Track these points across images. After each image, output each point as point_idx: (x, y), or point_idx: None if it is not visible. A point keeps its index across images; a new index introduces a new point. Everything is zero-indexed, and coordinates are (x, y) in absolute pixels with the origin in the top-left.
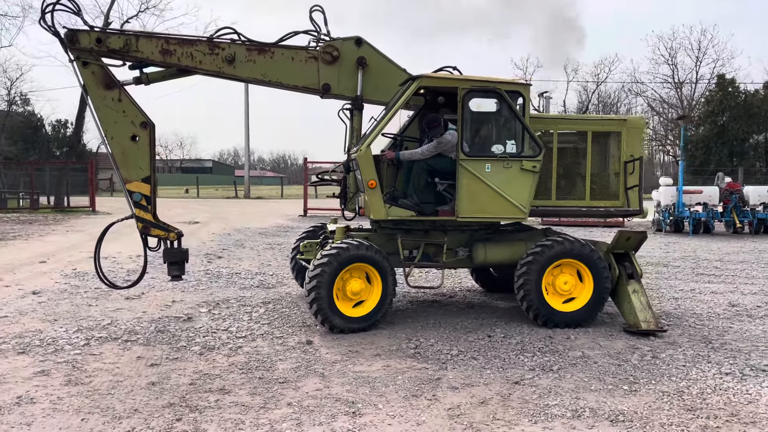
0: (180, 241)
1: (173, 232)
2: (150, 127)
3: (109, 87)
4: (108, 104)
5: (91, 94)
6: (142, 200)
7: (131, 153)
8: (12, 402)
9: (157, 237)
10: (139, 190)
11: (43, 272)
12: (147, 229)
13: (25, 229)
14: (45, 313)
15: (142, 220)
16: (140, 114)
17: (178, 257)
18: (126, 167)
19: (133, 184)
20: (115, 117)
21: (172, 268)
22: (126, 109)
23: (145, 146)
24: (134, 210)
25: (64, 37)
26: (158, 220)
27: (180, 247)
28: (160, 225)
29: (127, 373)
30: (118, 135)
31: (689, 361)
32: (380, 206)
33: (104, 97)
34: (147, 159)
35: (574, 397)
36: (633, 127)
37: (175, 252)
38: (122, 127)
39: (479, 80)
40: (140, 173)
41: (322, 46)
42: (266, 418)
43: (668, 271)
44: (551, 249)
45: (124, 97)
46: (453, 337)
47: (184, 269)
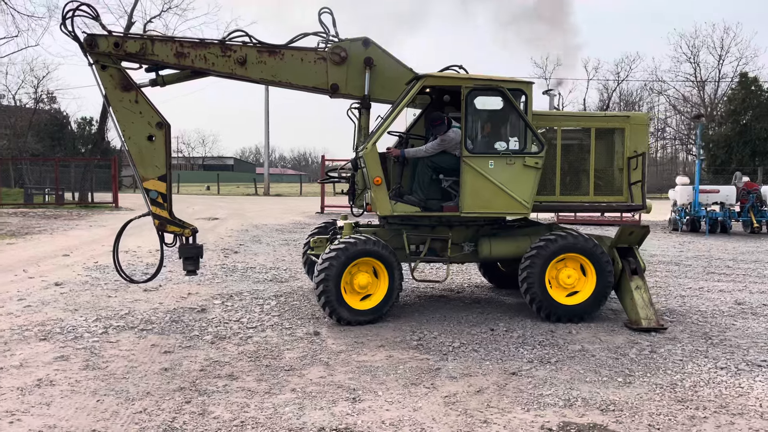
0: (195, 237)
1: (188, 228)
2: (165, 127)
3: (126, 89)
4: (125, 105)
5: (109, 95)
6: (159, 198)
7: (148, 152)
8: (33, 384)
9: (172, 233)
10: (156, 188)
11: (66, 265)
12: (163, 226)
13: (50, 223)
14: (66, 303)
15: (159, 217)
16: (156, 115)
17: (192, 253)
18: (143, 166)
19: (150, 182)
20: (132, 117)
21: (188, 263)
22: (142, 110)
23: (160, 146)
24: (151, 207)
25: (84, 41)
26: (174, 216)
27: (195, 243)
28: (176, 221)
29: (141, 360)
30: (135, 135)
31: (686, 356)
32: (386, 202)
33: (122, 98)
34: (163, 158)
35: (568, 388)
36: (636, 123)
37: (190, 248)
38: (139, 128)
39: (482, 79)
40: (156, 171)
41: (331, 47)
42: (270, 402)
43: (679, 270)
44: (554, 243)
45: (141, 99)
46: (456, 330)
47: (198, 264)
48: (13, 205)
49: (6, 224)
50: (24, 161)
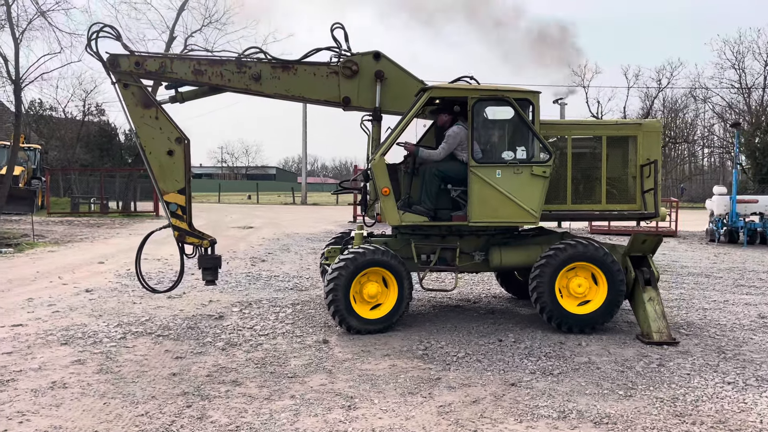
0: (213, 248)
1: (207, 239)
2: (184, 143)
3: (147, 106)
4: (146, 122)
5: (131, 112)
6: (178, 210)
7: (167, 167)
8: (47, 386)
9: (191, 244)
10: (175, 201)
11: (99, 272)
12: (183, 237)
13: (92, 232)
14: (93, 309)
15: (178, 229)
16: (176, 130)
17: (211, 263)
18: (163, 180)
19: (170, 196)
20: (153, 133)
21: (206, 273)
22: (162, 126)
23: (180, 160)
24: (171, 219)
25: (107, 61)
26: (193, 228)
27: (213, 254)
28: (195, 233)
29: (153, 364)
30: (156, 150)
31: (695, 370)
32: (394, 212)
33: (143, 115)
34: (182, 172)
35: (565, 400)
36: (649, 131)
37: (209, 258)
38: (159, 143)
39: (488, 89)
40: (176, 185)
41: (342, 61)
42: (268, 408)
43: (708, 282)
44: (564, 252)
45: (161, 115)
46: (464, 340)
47: (217, 274)
48: (60, 214)
49: (52, 232)
50: (72, 171)
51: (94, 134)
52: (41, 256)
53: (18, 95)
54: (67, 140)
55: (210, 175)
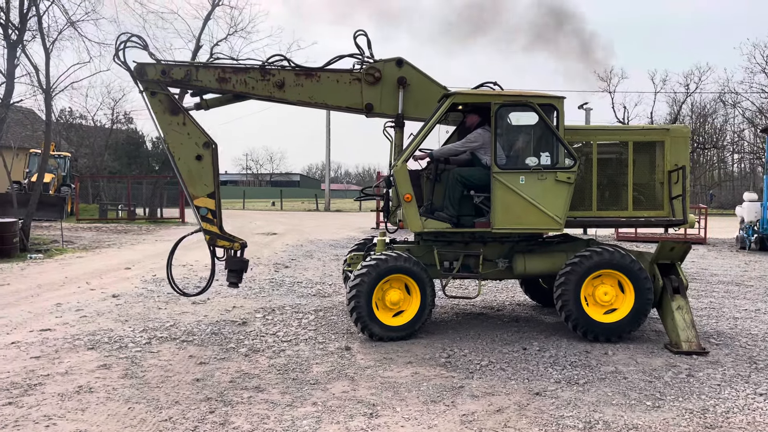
0: (243, 251)
1: (237, 242)
2: (212, 147)
3: (174, 113)
4: (174, 128)
5: (159, 120)
6: (208, 214)
7: (196, 171)
8: (73, 390)
9: (222, 247)
10: (205, 205)
11: (126, 278)
12: (213, 240)
13: (119, 238)
14: (119, 314)
15: (209, 233)
16: (203, 135)
17: (237, 266)
18: (192, 185)
19: (200, 200)
20: (181, 139)
21: (231, 275)
22: (190, 132)
23: (208, 165)
24: (201, 223)
25: (134, 70)
26: (224, 231)
27: (242, 257)
28: (226, 236)
29: (177, 370)
30: (184, 156)
31: (725, 381)
32: (416, 219)
33: (170, 122)
34: (211, 176)
35: (591, 410)
36: (677, 136)
37: (236, 261)
38: (187, 149)
39: (512, 95)
40: (205, 189)
41: (365, 68)
42: (290, 415)
43: (739, 291)
44: (590, 259)
45: (188, 121)
46: (488, 348)
47: (241, 278)
48: (89, 220)
49: (80, 238)
50: (101, 178)
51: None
52: (70, 262)
53: (48, 104)
54: (95, 148)
55: (235, 181)
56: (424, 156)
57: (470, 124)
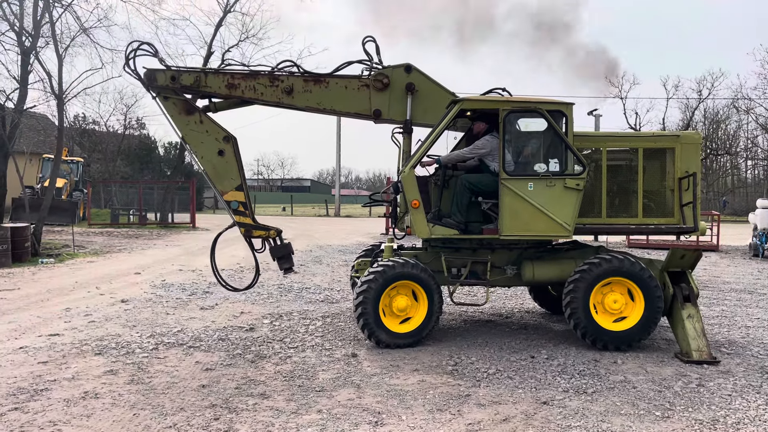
0: (281, 237)
1: (273, 230)
2: (232, 140)
3: (189, 113)
4: (192, 128)
5: (176, 122)
6: (240, 207)
7: (221, 167)
8: (79, 396)
9: (259, 237)
10: (235, 198)
11: (135, 283)
12: (249, 232)
13: (130, 243)
14: (127, 319)
15: (243, 225)
16: (221, 130)
17: (283, 252)
18: (219, 180)
19: (229, 194)
20: (201, 137)
21: (282, 262)
22: (208, 129)
23: (231, 158)
24: (234, 217)
25: (144, 77)
26: (257, 222)
27: (283, 243)
28: (260, 226)
29: (183, 376)
30: (207, 153)
31: (737, 391)
32: (424, 225)
33: (188, 122)
34: (236, 169)
35: (599, 420)
36: (688, 143)
37: (280, 247)
38: (208, 146)
39: (520, 101)
40: (232, 183)
41: (374, 75)
42: (295, 422)
43: (751, 299)
44: (599, 267)
45: (205, 119)
46: (496, 356)
47: (292, 261)
48: (100, 225)
49: (91, 243)
50: (113, 183)
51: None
52: (81, 267)
53: (61, 110)
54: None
55: None
56: (431, 162)
57: (477, 131)
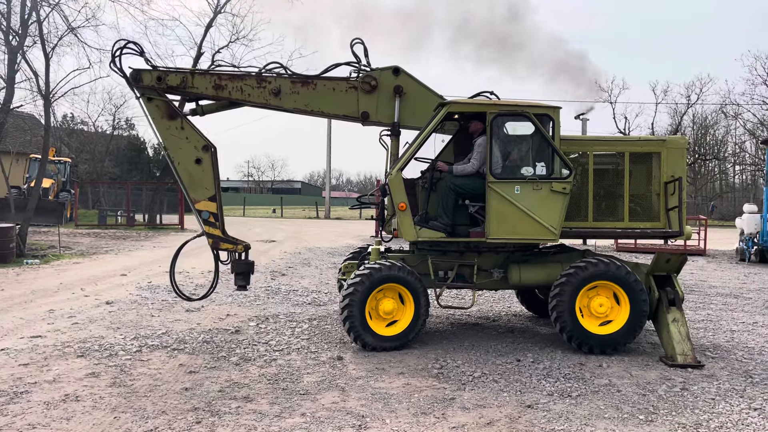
0: (247, 253)
1: (241, 245)
2: (212, 150)
3: (172, 117)
4: (172, 133)
5: (157, 125)
6: (210, 217)
7: (197, 175)
8: (59, 399)
9: (226, 250)
10: (207, 209)
11: (121, 284)
12: (217, 244)
13: (118, 244)
14: (111, 321)
15: (212, 236)
16: (202, 139)
17: (243, 268)
18: (193, 189)
19: (201, 204)
20: (180, 144)
21: (239, 278)
22: (189, 136)
23: (208, 168)
24: (204, 227)
25: (130, 76)
26: (226, 234)
27: (247, 260)
28: (229, 239)
29: (166, 378)
30: (184, 160)
31: (720, 395)
32: (411, 228)
33: (168, 126)
34: (211, 179)
35: (583, 424)
36: (674, 147)
37: (241, 263)
38: (187, 153)
39: (508, 104)
40: (206, 193)
41: (362, 77)
42: (278, 425)
43: (737, 303)
44: (585, 271)
45: (186, 125)
46: (482, 359)
47: (249, 280)
48: (88, 226)
49: (78, 244)
50: (101, 184)
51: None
52: (66, 268)
53: (47, 109)
54: (96, 154)
55: (236, 188)
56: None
57: (474, 130)
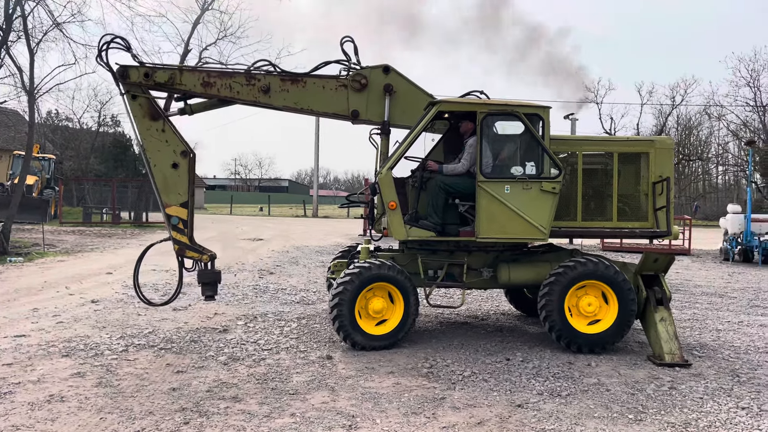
0: (213, 263)
1: (207, 254)
2: (190, 156)
3: (154, 118)
4: (153, 134)
5: (138, 124)
6: (179, 224)
7: (171, 180)
8: (44, 399)
9: (191, 258)
10: (177, 215)
11: (107, 282)
12: (182, 251)
13: (103, 242)
14: (97, 320)
15: (179, 242)
16: (182, 144)
17: (210, 278)
18: (166, 193)
19: (172, 209)
20: (159, 146)
21: (206, 288)
22: (169, 139)
23: (184, 174)
24: (171, 232)
25: (117, 72)
26: (194, 242)
27: (213, 269)
28: (195, 247)
29: (153, 378)
30: (161, 163)
31: (708, 394)
32: (401, 227)
33: (149, 127)
34: (186, 185)
35: (573, 423)
36: (662, 148)
37: (208, 273)
38: (164, 156)
39: (498, 104)
40: (179, 199)
41: (352, 75)
42: (267, 426)
43: (722, 302)
44: (574, 270)
45: (168, 128)
46: (471, 358)
47: (216, 290)
48: (72, 224)
49: (62, 241)
50: (86, 181)
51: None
52: (50, 266)
53: (32, 105)
54: (81, 150)
55: (223, 186)
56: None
57: (465, 130)
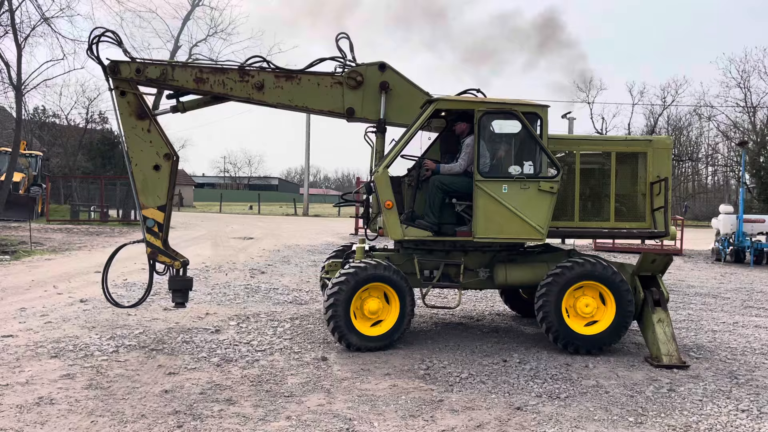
0: (185, 269)
1: (179, 260)
2: (172, 159)
3: (141, 117)
4: (137, 133)
5: (123, 122)
6: (155, 227)
7: (152, 181)
8: (33, 402)
9: (163, 263)
10: (153, 217)
11: (95, 281)
12: (154, 255)
13: (91, 240)
14: (86, 320)
15: (152, 246)
16: (166, 146)
17: (181, 285)
18: (144, 194)
19: (149, 211)
20: (142, 146)
21: (176, 295)
22: (153, 140)
23: (165, 176)
24: (145, 235)
25: (108, 67)
26: (168, 247)
27: (185, 276)
28: (168, 253)
29: (144, 380)
30: (142, 163)
31: (707, 396)
32: (397, 226)
33: (135, 126)
34: (165, 188)
35: (574, 426)
36: (659, 148)
37: (179, 280)
38: (147, 156)
39: (495, 102)
40: (157, 201)
41: (347, 72)
42: (263, 429)
43: (716, 303)
44: (571, 271)
45: (153, 129)
46: (468, 360)
47: (187, 297)
48: (60, 221)
49: (50, 240)
50: (73, 179)
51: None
52: (38, 264)
53: (19, 101)
54: (69, 147)
55: (212, 184)
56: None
57: (459, 131)
